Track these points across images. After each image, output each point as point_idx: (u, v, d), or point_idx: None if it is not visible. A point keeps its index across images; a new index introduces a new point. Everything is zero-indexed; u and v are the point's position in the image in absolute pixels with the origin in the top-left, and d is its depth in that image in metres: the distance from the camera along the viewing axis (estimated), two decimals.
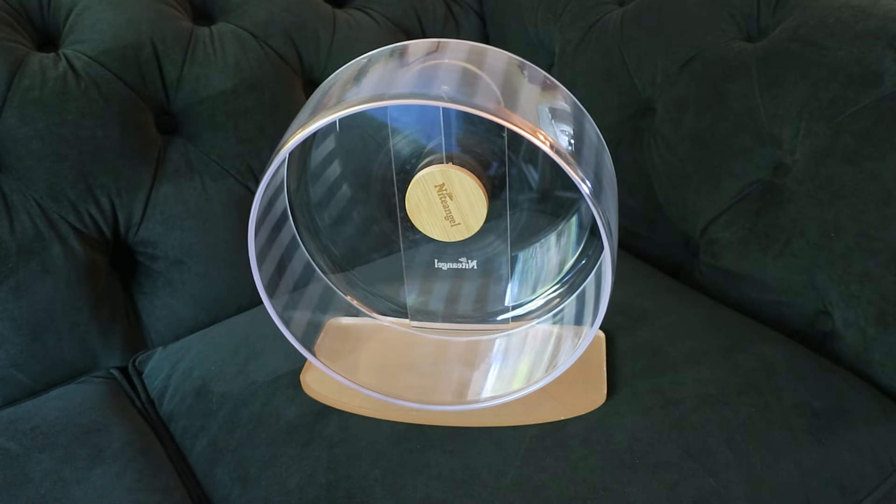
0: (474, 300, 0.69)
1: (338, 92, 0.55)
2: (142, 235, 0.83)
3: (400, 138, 0.61)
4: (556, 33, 1.01)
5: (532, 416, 0.63)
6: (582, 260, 0.65)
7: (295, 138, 0.53)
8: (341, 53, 0.95)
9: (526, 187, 0.63)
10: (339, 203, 0.69)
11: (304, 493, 0.59)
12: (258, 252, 0.59)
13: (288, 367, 0.70)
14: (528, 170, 0.62)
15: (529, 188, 0.63)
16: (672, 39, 0.86)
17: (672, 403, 0.63)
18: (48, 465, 0.64)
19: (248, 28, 0.90)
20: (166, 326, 0.84)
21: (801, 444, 0.60)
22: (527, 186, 0.63)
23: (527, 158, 0.62)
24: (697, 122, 0.83)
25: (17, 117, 0.77)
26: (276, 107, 0.90)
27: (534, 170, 0.62)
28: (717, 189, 0.82)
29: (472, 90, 0.54)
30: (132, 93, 0.83)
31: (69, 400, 0.72)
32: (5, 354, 0.76)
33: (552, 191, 0.64)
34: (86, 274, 0.79)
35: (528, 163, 0.62)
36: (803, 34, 0.76)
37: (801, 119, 0.74)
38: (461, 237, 0.58)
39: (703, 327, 0.73)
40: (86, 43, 0.82)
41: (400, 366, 0.68)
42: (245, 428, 0.66)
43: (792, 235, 0.75)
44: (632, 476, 0.57)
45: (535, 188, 0.63)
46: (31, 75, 0.78)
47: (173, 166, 0.85)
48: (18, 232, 0.76)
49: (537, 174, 0.63)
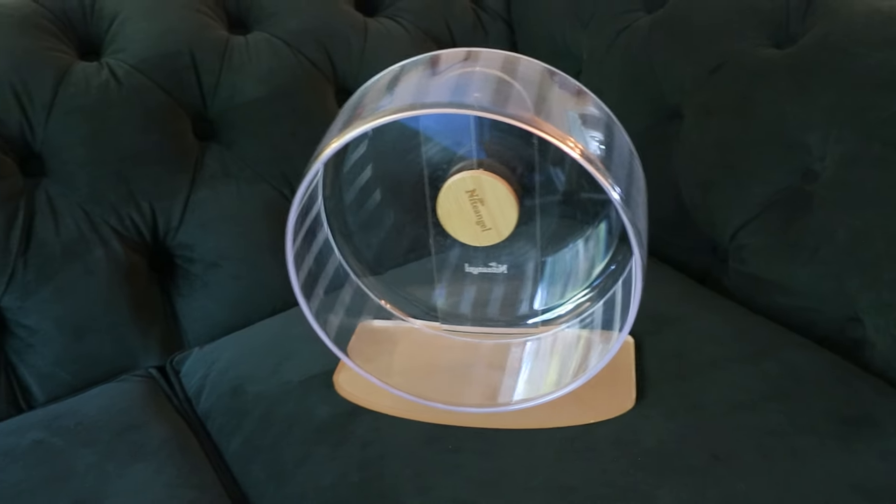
0: (504, 304, 0.70)
1: (371, 101, 0.56)
2: (179, 239, 0.86)
3: (431, 145, 0.62)
4: (583, 40, 1.01)
5: (561, 419, 0.63)
6: (612, 265, 0.66)
7: (330, 148, 0.54)
8: (372, 61, 0.97)
9: (556, 193, 0.64)
10: (371, 208, 0.70)
11: (338, 491, 0.61)
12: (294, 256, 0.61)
13: (320, 368, 0.72)
14: (558, 176, 0.63)
15: (559, 194, 0.64)
16: (700, 46, 0.86)
17: (700, 408, 0.64)
18: (91, 460, 0.66)
19: (281, 37, 0.92)
20: (202, 327, 0.86)
21: (829, 451, 0.60)
22: (557, 192, 0.64)
23: (557, 164, 0.63)
24: (725, 129, 0.83)
25: (62, 124, 0.79)
26: (309, 113, 0.92)
27: (564, 176, 0.63)
28: (745, 195, 0.82)
29: (503, 98, 0.55)
30: (171, 100, 0.85)
31: (110, 398, 0.74)
32: (49, 353, 0.78)
33: (582, 197, 0.64)
34: (126, 276, 0.81)
35: (559, 168, 0.63)
36: (833, 41, 0.76)
37: (831, 125, 0.74)
38: (492, 242, 0.59)
39: (731, 333, 0.73)
40: (127, 52, 0.85)
41: (431, 368, 0.69)
42: (279, 427, 0.67)
43: (821, 242, 0.75)
44: (660, 479, 0.58)
45: (565, 194, 0.64)
46: (75, 83, 0.81)
47: (210, 172, 0.87)
48: (63, 234, 0.79)
49: (567, 180, 0.64)
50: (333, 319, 0.67)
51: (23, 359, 0.78)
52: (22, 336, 0.78)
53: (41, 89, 0.79)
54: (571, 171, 0.63)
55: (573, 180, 0.64)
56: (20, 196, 0.78)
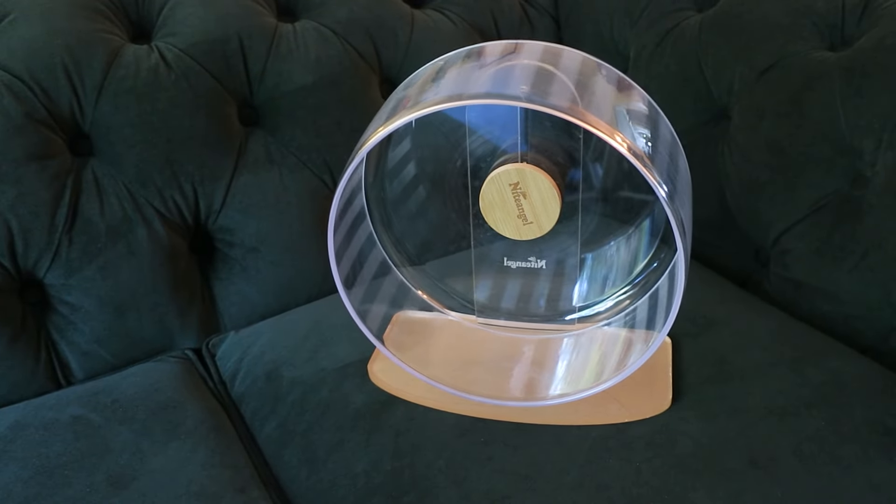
0: (543, 299, 0.70)
1: (416, 92, 0.56)
2: (220, 222, 0.86)
3: (475, 138, 0.62)
4: (631, 38, 1.00)
5: (596, 417, 0.63)
6: (653, 263, 0.65)
7: (376, 136, 0.54)
8: (418, 53, 0.97)
9: (599, 188, 0.63)
10: (412, 199, 0.70)
11: (370, 477, 0.61)
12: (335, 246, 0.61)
13: (356, 356, 0.72)
14: (601, 171, 0.63)
15: (603, 189, 0.63)
16: (752, 46, 0.85)
17: (738, 412, 0.63)
18: (127, 437, 0.67)
19: (329, 25, 0.93)
20: (239, 311, 0.87)
21: (871, 461, 0.59)
22: (600, 188, 0.63)
23: (601, 160, 0.62)
24: (774, 131, 0.82)
25: (112, 105, 0.81)
26: (354, 103, 0.92)
27: (607, 171, 0.63)
28: (791, 199, 0.80)
29: (548, 90, 0.55)
30: (218, 85, 0.86)
31: (147, 377, 0.75)
32: (90, 330, 0.80)
33: (625, 193, 0.64)
34: (167, 257, 0.82)
35: (603, 164, 0.62)
36: (889, 44, 0.74)
37: (884, 130, 0.73)
38: (533, 236, 0.58)
39: (772, 338, 0.72)
40: (177, 36, 0.86)
41: (467, 360, 0.69)
42: (313, 413, 0.68)
43: (869, 249, 0.73)
44: (696, 481, 0.57)
45: (609, 190, 0.63)
46: (125, 65, 0.82)
47: (253, 157, 0.88)
48: (108, 214, 0.80)
49: (611, 176, 0.63)
50: (371, 308, 0.67)
51: (64, 335, 0.80)
52: (64, 313, 0.80)
53: (92, 71, 0.80)
54: (616, 169, 0.63)
55: (617, 178, 0.63)
56: (68, 175, 0.79)
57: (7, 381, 0.76)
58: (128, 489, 0.61)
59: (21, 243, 0.77)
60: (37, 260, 0.78)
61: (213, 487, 0.62)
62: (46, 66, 0.79)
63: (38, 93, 0.78)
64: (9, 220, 0.76)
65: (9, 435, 0.67)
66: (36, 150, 0.78)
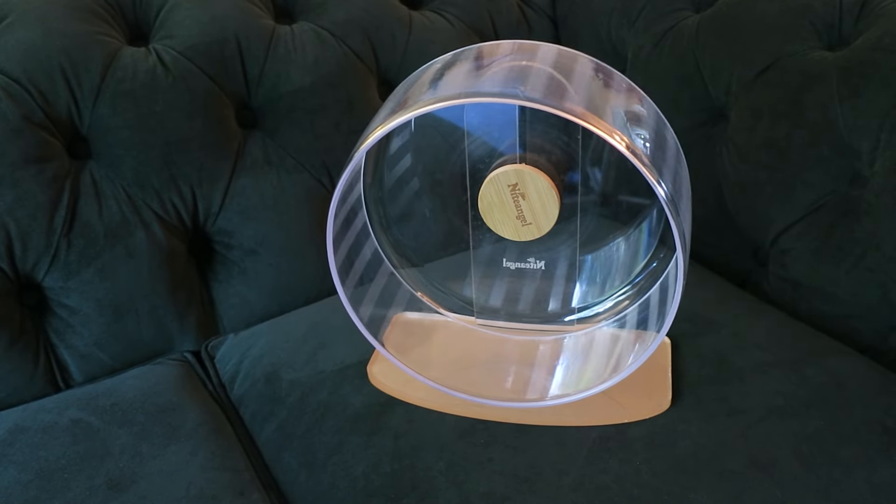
0: (541, 300, 0.70)
1: (415, 93, 0.56)
2: (219, 225, 0.86)
3: (473, 140, 0.62)
4: (629, 38, 1.00)
5: (595, 418, 0.63)
6: (653, 263, 0.65)
7: (375, 135, 0.54)
8: (416, 54, 0.97)
9: (597, 190, 0.63)
10: (411, 200, 0.70)
11: (370, 480, 0.61)
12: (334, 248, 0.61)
13: (355, 358, 0.72)
14: (600, 173, 0.63)
15: (601, 191, 0.63)
16: (749, 47, 0.85)
17: (738, 412, 0.63)
18: (126, 440, 0.67)
19: (327, 27, 0.93)
20: (238, 314, 0.87)
21: (871, 461, 0.59)
22: (598, 189, 0.63)
23: (601, 161, 0.62)
24: (772, 131, 0.82)
25: (109, 107, 0.81)
26: (352, 105, 0.92)
27: (607, 173, 0.63)
28: (790, 199, 0.80)
29: (549, 91, 0.55)
30: (216, 87, 0.86)
31: (146, 380, 0.75)
32: (89, 333, 0.80)
33: (624, 194, 0.64)
34: (166, 259, 0.82)
35: (602, 166, 0.62)
36: (887, 44, 0.74)
37: (882, 130, 0.73)
38: (532, 237, 0.58)
39: (771, 338, 0.72)
40: (174, 38, 0.86)
41: (465, 361, 0.69)
42: (313, 415, 0.68)
43: (867, 249, 0.73)
44: (696, 482, 0.57)
45: (607, 192, 0.63)
46: (123, 68, 0.82)
47: (251, 159, 0.87)
48: (106, 217, 0.80)
49: (610, 178, 0.63)
50: (370, 310, 0.67)
51: (63, 338, 0.80)
52: (63, 316, 0.79)
53: (90, 73, 0.80)
54: (614, 171, 0.63)
55: (616, 180, 0.63)
56: (66, 178, 0.79)
57: (6, 385, 0.76)
58: (127, 492, 0.61)
59: (19, 246, 0.77)
60: (35, 263, 0.78)
61: (213, 490, 0.62)
62: (44, 68, 0.79)
63: (36, 95, 0.78)
64: (7, 223, 0.76)
65: (8, 438, 0.67)
66: (34, 152, 0.77)
